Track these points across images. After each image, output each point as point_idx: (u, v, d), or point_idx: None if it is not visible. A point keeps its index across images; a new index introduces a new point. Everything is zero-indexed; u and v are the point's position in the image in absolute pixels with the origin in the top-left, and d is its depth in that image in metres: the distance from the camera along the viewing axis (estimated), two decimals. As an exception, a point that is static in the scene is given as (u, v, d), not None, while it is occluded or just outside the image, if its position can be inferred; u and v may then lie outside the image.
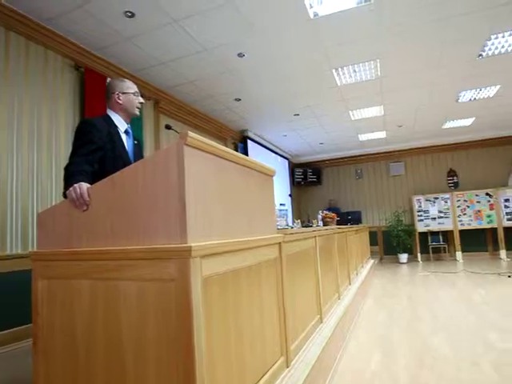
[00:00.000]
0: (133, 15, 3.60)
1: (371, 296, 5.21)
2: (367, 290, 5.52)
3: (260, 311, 1.65)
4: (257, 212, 1.73)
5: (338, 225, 5.59)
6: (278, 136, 8.50)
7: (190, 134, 1.23)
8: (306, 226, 4.14)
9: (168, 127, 2.20)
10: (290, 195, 6.26)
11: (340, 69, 5.09)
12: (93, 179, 1.61)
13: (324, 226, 4.55)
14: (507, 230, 8.47)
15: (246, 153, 7.54)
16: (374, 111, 7.02)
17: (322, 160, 10.79)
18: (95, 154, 1.90)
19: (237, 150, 7.45)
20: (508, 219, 8.51)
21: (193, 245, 1.12)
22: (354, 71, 5.19)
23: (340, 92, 5.91)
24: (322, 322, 2.80)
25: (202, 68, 4.82)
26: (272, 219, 1.91)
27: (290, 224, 4.11)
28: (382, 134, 8.84)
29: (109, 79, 4.18)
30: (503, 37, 4.41)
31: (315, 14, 3.79)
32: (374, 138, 9.09)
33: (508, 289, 5.18)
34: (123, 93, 2.12)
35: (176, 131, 1.98)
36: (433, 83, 5.79)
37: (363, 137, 8.97)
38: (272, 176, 1.98)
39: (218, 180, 1.42)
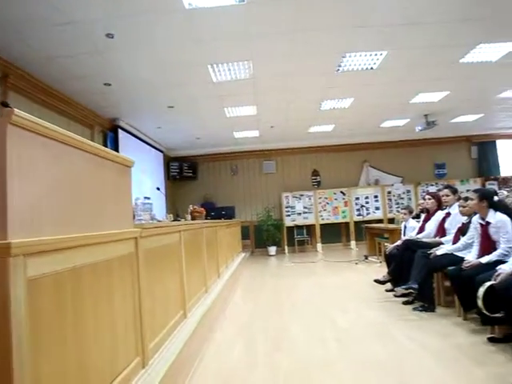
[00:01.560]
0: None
1: (240, 287, 5.42)
2: (236, 282, 5.72)
3: (110, 312, 1.53)
4: (108, 204, 1.59)
5: (212, 219, 5.65)
6: (152, 128, 8.13)
7: (18, 111, 1.05)
8: (175, 221, 4.06)
9: (5, 104, 1.85)
10: (157, 188, 6.04)
11: (215, 65, 5.12)
12: None
13: (192, 220, 4.53)
14: (356, 223, 9.82)
15: (116, 143, 7.00)
16: (248, 110, 7.29)
17: (199, 155, 10.77)
18: None
19: (106, 140, 6.87)
20: (358, 215, 9.85)
21: (13, 241, 0.95)
22: (229, 69, 5.29)
23: (215, 88, 5.95)
24: (186, 317, 2.77)
25: (66, 43, 4.22)
26: (128, 212, 1.79)
27: (160, 218, 3.97)
28: (255, 133, 9.27)
29: None
30: (355, 56, 5.06)
31: (190, 5, 3.72)
32: (248, 136, 9.46)
33: (355, 274, 6.01)
34: None
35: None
36: (299, 90, 6.30)
37: (238, 134, 9.25)
38: (130, 167, 1.85)
39: (58, 168, 1.25)
